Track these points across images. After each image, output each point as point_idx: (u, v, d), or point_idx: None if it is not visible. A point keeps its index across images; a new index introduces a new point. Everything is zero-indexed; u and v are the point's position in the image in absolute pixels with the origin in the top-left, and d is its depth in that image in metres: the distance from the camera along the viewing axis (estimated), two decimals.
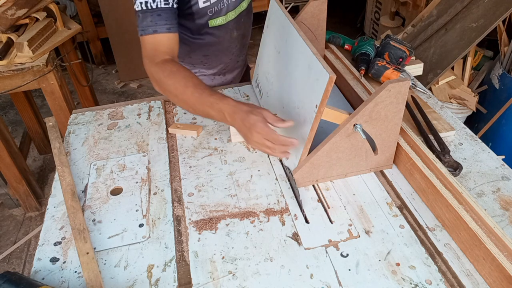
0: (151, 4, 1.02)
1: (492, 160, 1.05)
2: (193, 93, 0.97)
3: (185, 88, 0.98)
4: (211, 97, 0.96)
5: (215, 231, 0.90)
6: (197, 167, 1.07)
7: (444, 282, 0.78)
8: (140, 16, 1.04)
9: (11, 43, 1.80)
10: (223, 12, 1.22)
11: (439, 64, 2.25)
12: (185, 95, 0.99)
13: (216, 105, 0.95)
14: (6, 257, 2.04)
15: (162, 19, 1.03)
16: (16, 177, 2.09)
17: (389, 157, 1.02)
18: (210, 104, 0.96)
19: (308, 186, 1.00)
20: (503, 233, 0.77)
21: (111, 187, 1.03)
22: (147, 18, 1.03)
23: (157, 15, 1.02)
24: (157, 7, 1.02)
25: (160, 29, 1.03)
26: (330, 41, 1.48)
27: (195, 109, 1.01)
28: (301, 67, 0.97)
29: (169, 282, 0.80)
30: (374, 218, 0.91)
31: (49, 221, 0.94)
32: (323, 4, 1.25)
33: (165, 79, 1.01)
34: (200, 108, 0.99)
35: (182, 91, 0.99)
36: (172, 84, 1.00)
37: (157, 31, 1.03)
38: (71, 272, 0.83)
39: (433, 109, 1.22)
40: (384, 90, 0.87)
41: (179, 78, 1.00)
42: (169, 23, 1.04)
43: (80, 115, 1.30)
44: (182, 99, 1.00)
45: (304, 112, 0.95)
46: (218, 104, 0.95)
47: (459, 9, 2.24)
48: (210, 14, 1.20)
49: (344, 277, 0.80)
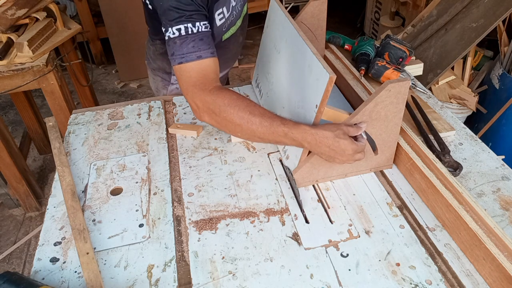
0: (191, 29, 0.94)
1: (492, 160, 1.05)
2: (261, 122, 0.90)
3: (251, 117, 0.91)
4: (284, 126, 0.89)
5: (215, 231, 0.90)
6: (197, 167, 1.07)
7: (444, 282, 0.78)
8: (177, 43, 0.95)
9: (11, 43, 1.80)
10: (234, 22, 1.23)
11: (439, 64, 2.25)
12: (252, 125, 0.91)
13: (290, 135, 0.89)
14: (6, 257, 2.04)
15: (205, 44, 0.96)
16: (16, 177, 2.09)
17: (389, 157, 1.02)
18: (284, 134, 0.89)
19: (308, 186, 1.00)
20: (503, 233, 0.77)
21: (111, 187, 1.02)
22: (188, 44, 0.95)
23: (199, 40, 0.95)
24: (198, 31, 0.95)
25: (204, 54, 0.95)
26: (330, 41, 1.48)
27: (263, 139, 0.93)
28: (301, 67, 0.97)
29: (169, 282, 0.80)
30: (374, 218, 0.91)
31: (49, 221, 0.94)
32: (323, 4, 1.25)
33: (227, 108, 0.92)
34: (271, 138, 0.92)
35: (248, 120, 0.91)
36: (235, 113, 0.91)
37: (201, 56, 0.95)
38: (71, 272, 0.83)
39: (433, 109, 1.22)
40: (384, 90, 0.87)
41: (243, 106, 0.92)
42: (212, 47, 0.97)
43: (80, 115, 1.30)
44: (248, 128, 0.92)
45: (304, 112, 0.95)
46: (293, 134, 0.89)
47: (459, 9, 2.24)
48: (224, 30, 1.21)
49: (344, 277, 0.80)
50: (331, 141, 0.87)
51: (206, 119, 0.97)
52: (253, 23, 3.80)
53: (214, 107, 0.94)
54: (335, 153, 0.89)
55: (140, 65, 3.32)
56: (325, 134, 0.87)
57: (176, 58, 0.96)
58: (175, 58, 0.96)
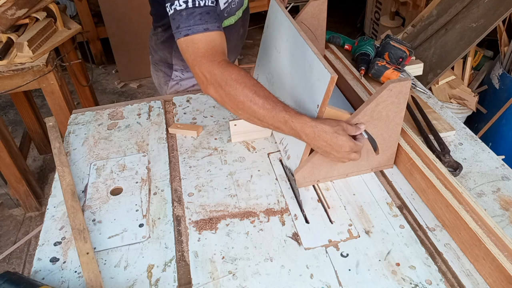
0: (199, 2, 0.93)
1: (492, 160, 1.05)
2: (264, 104, 0.88)
3: (255, 96, 0.88)
4: (285, 113, 0.88)
5: (215, 231, 0.90)
6: (197, 167, 1.07)
7: (444, 282, 0.78)
8: (183, 15, 0.94)
9: (11, 43, 1.80)
10: (233, 11, 1.24)
11: (439, 64, 2.25)
12: (254, 105, 0.89)
13: (290, 123, 0.88)
14: (6, 257, 2.04)
15: (212, 18, 0.95)
16: (16, 177, 2.09)
17: (390, 156, 1.02)
18: (284, 121, 0.88)
19: (308, 186, 1.00)
20: (503, 233, 0.77)
21: (111, 187, 1.02)
22: (195, 17, 0.93)
23: (206, 13, 0.94)
24: (205, 5, 0.94)
25: (211, 27, 0.94)
26: (330, 41, 1.48)
27: (263, 122, 0.91)
28: (302, 67, 0.97)
29: (169, 282, 0.80)
30: (374, 218, 0.91)
31: (49, 221, 0.94)
32: (323, 4, 1.25)
33: (233, 82, 0.89)
34: (270, 122, 0.90)
35: (251, 99, 0.88)
36: (241, 89, 0.89)
37: (208, 29, 0.93)
38: (71, 272, 0.83)
39: (433, 109, 1.22)
40: (386, 90, 0.87)
41: (249, 84, 0.89)
42: (218, 22, 0.96)
43: (80, 115, 1.30)
44: (249, 107, 0.89)
45: (306, 112, 0.94)
46: (293, 122, 0.88)
47: (459, 9, 2.24)
48: (226, 15, 1.21)
49: (344, 277, 0.79)
50: (329, 136, 0.87)
51: (211, 92, 0.95)
52: (253, 23, 3.80)
53: (221, 80, 0.91)
54: (331, 148, 0.89)
55: (140, 65, 3.33)
56: (324, 128, 0.87)
57: (182, 30, 0.94)
58: (180, 30, 0.94)
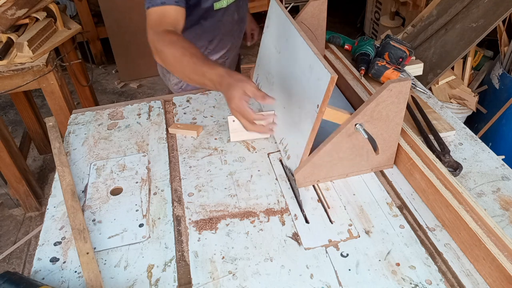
0: None
1: (492, 160, 1.05)
2: (189, 62, 0.96)
3: (182, 57, 0.97)
4: (204, 66, 0.94)
5: (215, 231, 0.90)
6: (197, 167, 1.07)
7: (444, 282, 0.78)
8: None
9: (11, 43, 1.80)
10: None
11: (439, 64, 2.24)
12: (181, 65, 0.97)
13: (208, 74, 0.93)
14: (6, 257, 2.04)
15: None
16: (16, 177, 2.09)
17: (390, 156, 1.02)
18: (202, 73, 0.94)
19: (308, 186, 1.00)
20: (503, 233, 0.77)
21: (111, 187, 1.02)
22: None
23: None
24: None
25: (168, 2, 1.04)
26: (330, 41, 1.48)
27: (190, 79, 0.99)
28: (302, 67, 0.97)
29: (169, 282, 0.80)
30: (374, 218, 0.91)
31: (49, 221, 0.94)
32: (323, 4, 1.25)
33: (164, 48, 1.00)
34: (195, 78, 0.97)
35: (179, 60, 0.97)
36: (171, 53, 0.99)
37: (165, 3, 1.04)
38: (71, 272, 0.83)
39: (433, 109, 1.22)
40: (386, 90, 0.87)
41: (178, 47, 0.98)
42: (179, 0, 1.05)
43: (80, 115, 1.30)
44: (179, 68, 0.99)
45: (306, 112, 0.95)
46: (209, 73, 0.93)
47: (459, 9, 2.24)
48: None
49: (344, 277, 0.79)
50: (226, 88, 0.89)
51: (156, 59, 1.04)
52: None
53: (156, 46, 1.01)
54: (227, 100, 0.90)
55: (140, 65, 3.33)
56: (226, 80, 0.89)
57: (146, 4, 1.06)
58: (145, 4, 1.06)
